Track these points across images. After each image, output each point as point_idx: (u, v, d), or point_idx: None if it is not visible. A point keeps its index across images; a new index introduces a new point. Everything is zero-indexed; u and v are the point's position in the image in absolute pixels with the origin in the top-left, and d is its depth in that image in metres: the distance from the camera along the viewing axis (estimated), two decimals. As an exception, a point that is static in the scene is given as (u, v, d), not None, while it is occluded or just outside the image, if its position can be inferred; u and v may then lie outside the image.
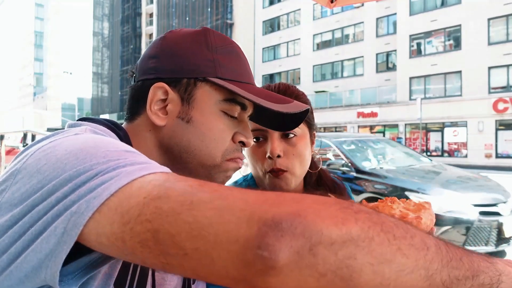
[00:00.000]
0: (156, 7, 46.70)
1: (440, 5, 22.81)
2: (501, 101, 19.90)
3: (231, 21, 37.50)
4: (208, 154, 0.65)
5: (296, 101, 0.70)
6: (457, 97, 21.65)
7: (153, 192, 0.39)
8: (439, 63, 22.43)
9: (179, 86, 0.64)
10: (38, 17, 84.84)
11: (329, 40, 30.12)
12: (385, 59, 26.81)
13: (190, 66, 0.64)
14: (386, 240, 0.34)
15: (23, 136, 15.11)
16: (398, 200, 0.83)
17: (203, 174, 0.66)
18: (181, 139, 0.64)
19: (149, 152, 0.66)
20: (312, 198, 0.37)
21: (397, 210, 0.77)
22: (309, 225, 0.33)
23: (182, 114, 0.64)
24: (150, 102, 0.63)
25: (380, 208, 0.77)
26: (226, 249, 0.34)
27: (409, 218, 0.73)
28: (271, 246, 0.32)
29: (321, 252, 0.32)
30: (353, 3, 1.91)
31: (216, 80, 0.63)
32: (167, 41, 0.67)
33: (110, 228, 0.38)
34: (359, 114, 25.79)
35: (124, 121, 0.70)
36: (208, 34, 0.67)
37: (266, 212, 0.34)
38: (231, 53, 0.67)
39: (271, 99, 0.66)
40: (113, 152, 0.45)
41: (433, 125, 22.82)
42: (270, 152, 0.90)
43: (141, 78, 0.66)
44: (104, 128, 0.61)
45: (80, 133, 0.53)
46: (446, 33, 22.40)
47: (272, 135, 0.91)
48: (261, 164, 0.92)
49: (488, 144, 20.44)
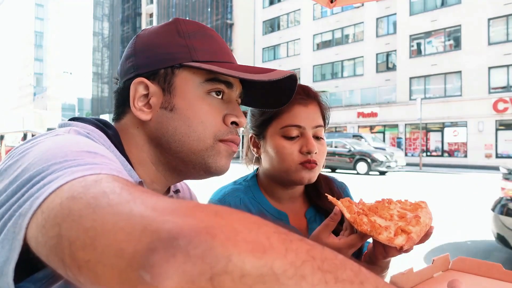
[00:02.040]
0: (156, 7, 46.66)
1: (440, 5, 22.78)
2: (501, 101, 19.87)
3: (231, 21, 37.46)
4: (197, 138, 0.64)
5: (278, 70, 0.68)
6: (457, 97, 21.62)
7: (75, 192, 0.35)
8: (439, 63, 22.41)
9: (157, 77, 0.64)
10: (38, 17, 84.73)
11: (329, 40, 30.08)
12: (385, 59, 26.77)
13: (165, 56, 0.64)
14: (323, 282, 0.26)
15: (23, 136, 15.08)
16: (395, 201, 0.83)
17: (196, 162, 0.65)
18: (167, 128, 0.64)
19: (140, 149, 0.66)
20: (241, 215, 0.30)
21: (394, 211, 0.77)
22: (215, 247, 0.25)
23: (165, 104, 0.64)
24: (133, 99, 0.64)
25: (378, 209, 0.77)
26: (111, 264, 0.28)
27: (408, 218, 0.73)
28: (157, 268, 0.25)
29: (225, 285, 0.24)
30: (353, 3, 1.91)
31: (192, 64, 0.63)
32: (140, 39, 0.68)
33: (36, 233, 0.35)
34: (359, 114, 25.76)
35: (112, 122, 0.70)
36: (178, 22, 0.67)
37: (165, 223, 0.28)
38: (204, 36, 0.67)
39: (251, 70, 0.66)
40: (73, 152, 0.43)
41: (433, 125, 22.79)
42: (309, 148, 0.93)
43: (123, 79, 0.67)
44: (93, 127, 0.61)
45: (61, 133, 0.52)
46: (446, 33, 22.37)
47: (308, 134, 0.96)
48: (295, 157, 0.95)
49: (488, 144, 20.41)
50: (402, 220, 0.73)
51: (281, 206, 1.01)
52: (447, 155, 22.35)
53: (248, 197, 0.99)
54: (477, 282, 0.80)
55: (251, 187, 1.02)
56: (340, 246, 0.78)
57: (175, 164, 0.66)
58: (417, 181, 12.72)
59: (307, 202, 1.05)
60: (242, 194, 0.99)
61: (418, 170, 18.05)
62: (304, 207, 1.04)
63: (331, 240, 0.79)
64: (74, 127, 0.59)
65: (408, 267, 0.76)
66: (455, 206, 7.43)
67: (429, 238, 0.77)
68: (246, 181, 1.04)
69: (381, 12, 26.66)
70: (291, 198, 1.02)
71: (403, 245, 0.67)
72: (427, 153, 22.89)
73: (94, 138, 0.59)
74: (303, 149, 0.93)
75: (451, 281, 0.64)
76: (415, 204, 0.81)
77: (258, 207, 0.98)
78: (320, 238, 0.80)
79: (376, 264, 0.89)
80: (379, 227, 0.69)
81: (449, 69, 21.95)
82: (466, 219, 6.18)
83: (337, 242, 0.78)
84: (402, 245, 0.67)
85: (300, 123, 0.94)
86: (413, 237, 0.68)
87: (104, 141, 0.61)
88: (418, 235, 0.70)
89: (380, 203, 0.81)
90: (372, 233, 0.70)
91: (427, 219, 0.75)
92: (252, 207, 0.98)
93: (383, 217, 0.74)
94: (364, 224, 0.71)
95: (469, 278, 0.83)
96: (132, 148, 0.66)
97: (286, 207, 1.01)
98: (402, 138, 23.79)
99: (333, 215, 0.79)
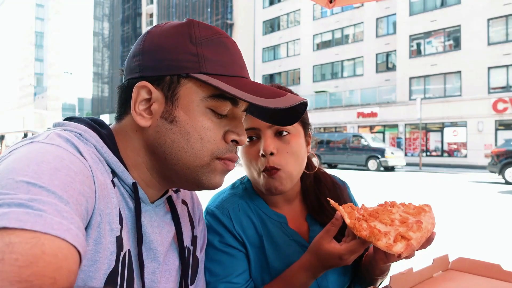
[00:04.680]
0: (156, 7, 46.67)
1: (440, 5, 22.78)
2: (501, 101, 19.88)
3: (231, 21, 37.47)
4: (194, 154, 0.62)
5: (290, 94, 0.65)
6: (457, 97, 21.63)
7: None
8: (439, 63, 22.41)
9: (162, 84, 0.61)
10: (38, 17, 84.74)
11: (329, 40, 30.08)
12: (385, 59, 26.78)
13: (173, 62, 0.60)
14: None
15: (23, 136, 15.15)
16: (398, 203, 0.82)
17: (190, 176, 0.64)
18: (165, 140, 0.62)
19: (136, 153, 0.65)
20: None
21: (396, 215, 0.76)
22: None
23: (166, 114, 0.61)
24: (134, 102, 0.61)
25: (379, 212, 0.76)
26: None
27: (409, 223, 0.71)
28: None
29: None
30: (353, 3, 1.91)
31: (200, 76, 0.60)
32: (150, 36, 0.64)
33: None
34: (359, 114, 25.76)
35: (114, 120, 0.69)
36: (192, 26, 0.63)
37: None
38: (218, 45, 0.63)
39: (261, 93, 0.62)
40: (17, 183, 0.43)
41: (433, 125, 22.79)
42: (263, 150, 0.87)
43: (128, 77, 0.64)
44: (86, 128, 0.60)
45: (36, 140, 0.52)
46: (446, 33, 22.38)
47: (265, 133, 0.89)
48: (255, 163, 0.91)
49: (488, 144, 20.41)
50: (404, 225, 0.71)
51: (278, 209, 0.99)
52: (446, 155, 22.35)
53: (245, 201, 0.97)
54: (477, 282, 0.80)
55: (248, 190, 1.00)
56: (341, 252, 0.77)
57: (168, 174, 0.65)
58: (417, 181, 12.72)
59: (307, 206, 1.02)
60: (240, 199, 0.97)
61: (418, 170, 18.06)
62: (304, 210, 1.02)
63: (333, 246, 0.78)
64: (66, 127, 0.58)
65: (408, 267, 0.76)
66: (455, 206, 7.43)
67: (431, 244, 0.76)
68: (243, 183, 1.02)
69: (381, 12, 26.67)
70: (287, 200, 1.00)
71: (401, 252, 0.66)
72: (427, 153, 22.89)
73: (85, 138, 0.59)
74: (261, 151, 0.88)
75: None
76: (419, 207, 0.79)
77: (257, 210, 0.97)
78: (322, 243, 0.79)
79: (377, 267, 0.89)
80: (377, 233, 0.68)
81: (449, 69, 21.95)
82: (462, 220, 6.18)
83: (339, 248, 0.77)
84: (400, 253, 0.66)
85: (253, 126, 0.89)
86: (412, 244, 0.67)
87: (96, 141, 0.60)
88: (419, 241, 0.68)
89: (382, 206, 0.80)
90: (371, 239, 0.69)
91: (429, 225, 0.73)
92: (251, 211, 0.96)
93: (384, 222, 0.73)
94: (363, 230, 0.70)
95: (469, 278, 0.83)
96: (128, 151, 0.65)
97: (284, 210, 0.99)
98: (402, 138, 23.79)
99: (334, 220, 0.78)
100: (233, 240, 0.92)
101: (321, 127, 27.58)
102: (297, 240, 0.96)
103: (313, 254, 0.81)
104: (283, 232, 0.96)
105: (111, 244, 0.56)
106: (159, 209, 0.71)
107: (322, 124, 27.44)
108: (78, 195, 0.48)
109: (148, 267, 0.65)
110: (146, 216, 0.66)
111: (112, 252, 0.57)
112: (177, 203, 0.77)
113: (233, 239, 0.92)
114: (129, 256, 0.60)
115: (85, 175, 0.52)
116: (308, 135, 1.00)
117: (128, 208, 0.63)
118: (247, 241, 0.93)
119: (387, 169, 17.41)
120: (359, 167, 18.43)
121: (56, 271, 0.39)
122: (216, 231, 0.92)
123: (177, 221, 0.74)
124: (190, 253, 0.78)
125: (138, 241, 0.62)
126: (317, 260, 0.81)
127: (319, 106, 28.32)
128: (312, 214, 0.99)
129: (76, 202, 0.47)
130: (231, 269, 0.88)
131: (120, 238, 0.58)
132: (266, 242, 0.94)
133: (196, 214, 0.84)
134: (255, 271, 0.93)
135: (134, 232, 0.63)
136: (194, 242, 0.80)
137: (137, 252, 0.62)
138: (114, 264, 0.57)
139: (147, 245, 0.65)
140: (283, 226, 0.96)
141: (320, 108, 27.91)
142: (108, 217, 0.57)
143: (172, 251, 0.72)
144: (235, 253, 0.91)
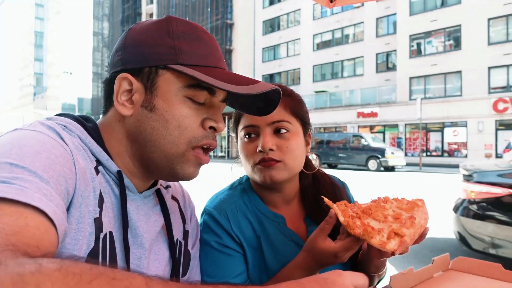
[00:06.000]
0: (156, 7, 46.66)
1: (440, 5, 22.78)
2: (501, 101, 19.87)
3: (231, 21, 37.46)
4: (171, 141, 0.65)
5: (263, 82, 0.69)
6: (457, 97, 21.63)
7: None
8: (439, 63, 22.41)
9: (142, 75, 0.65)
10: (38, 17, 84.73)
11: (329, 40, 30.08)
12: (385, 59, 26.78)
13: (151, 55, 0.65)
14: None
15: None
16: (391, 199, 0.82)
17: (165, 166, 0.67)
18: (146, 127, 0.65)
19: (119, 142, 0.68)
20: None
21: (390, 210, 0.76)
22: None
23: (146, 103, 0.65)
24: (116, 93, 0.66)
25: (373, 209, 0.76)
26: None
27: (403, 219, 0.71)
28: None
29: None
30: (353, 3, 1.91)
31: (177, 67, 0.64)
32: (131, 33, 0.68)
33: None
34: (359, 114, 25.76)
35: (101, 114, 0.73)
36: (170, 21, 0.67)
37: None
38: (194, 39, 0.67)
39: (235, 81, 0.65)
40: (1, 165, 0.47)
41: (433, 125, 22.79)
42: (261, 146, 0.89)
43: (111, 71, 0.69)
44: (71, 120, 0.65)
45: (19, 128, 0.58)
46: (446, 33, 22.37)
47: (264, 131, 0.91)
48: (252, 159, 0.92)
49: (488, 144, 20.41)
50: (397, 222, 0.71)
51: (276, 209, 0.99)
52: (447, 155, 22.35)
53: (244, 201, 0.97)
54: (477, 282, 0.80)
55: (246, 190, 1.00)
56: (336, 249, 0.77)
57: (147, 163, 0.68)
58: (417, 181, 12.73)
59: (305, 206, 1.02)
60: (238, 200, 0.97)
61: (418, 170, 18.07)
62: (302, 210, 1.02)
63: (328, 244, 0.78)
64: (52, 120, 0.62)
65: (408, 267, 0.76)
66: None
67: (424, 239, 0.76)
68: (241, 183, 1.02)
69: (381, 12, 26.67)
70: (285, 201, 1.00)
71: (395, 250, 0.66)
72: (427, 153, 22.89)
73: (70, 130, 0.63)
74: (259, 147, 0.91)
75: None
76: (412, 202, 0.79)
77: (255, 211, 0.97)
78: (316, 242, 0.79)
79: (371, 264, 0.89)
80: (371, 231, 0.68)
81: (449, 69, 21.95)
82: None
83: (334, 246, 0.77)
84: (394, 250, 0.66)
85: (252, 123, 0.92)
86: (406, 240, 0.67)
87: (80, 132, 0.64)
88: (412, 238, 0.68)
89: (375, 202, 0.80)
90: (365, 237, 0.69)
91: (422, 220, 0.73)
92: (249, 212, 0.96)
93: (377, 219, 0.73)
94: (357, 228, 0.70)
95: (469, 278, 0.83)
96: (113, 141, 0.69)
97: (282, 210, 0.99)
98: (402, 138, 23.79)
99: (328, 218, 0.78)
100: (231, 241, 0.92)
101: (321, 127, 27.57)
102: (295, 240, 0.96)
103: (308, 252, 0.82)
104: (281, 232, 0.96)
105: (89, 225, 0.59)
106: (148, 200, 0.74)
107: (322, 124, 27.43)
108: (58, 176, 0.52)
109: (134, 253, 0.67)
110: (133, 204, 0.69)
111: (91, 232, 0.59)
112: (167, 197, 0.80)
113: (230, 240, 0.92)
114: (110, 238, 0.62)
115: (65, 159, 0.56)
116: (308, 135, 1.00)
117: (114, 195, 0.66)
118: (245, 242, 0.93)
119: (387, 169, 17.47)
120: (359, 167, 18.49)
121: (39, 242, 0.42)
122: (214, 232, 0.92)
123: (166, 213, 0.76)
124: (181, 247, 0.80)
125: (123, 226, 0.64)
126: (312, 259, 0.81)
127: (319, 106, 28.30)
128: (310, 215, 0.99)
129: (57, 182, 0.51)
130: (228, 270, 0.88)
131: (99, 219, 0.61)
132: (264, 243, 0.94)
133: (188, 211, 0.87)
134: (253, 272, 0.92)
135: (120, 218, 0.65)
136: (185, 236, 0.82)
137: (122, 237, 0.64)
138: (94, 245, 0.59)
139: (133, 231, 0.68)
140: (281, 227, 0.96)
141: (320, 108, 27.89)
142: (86, 200, 0.59)
143: (161, 242, 0.75)
144: (233, 254, 0.91)
